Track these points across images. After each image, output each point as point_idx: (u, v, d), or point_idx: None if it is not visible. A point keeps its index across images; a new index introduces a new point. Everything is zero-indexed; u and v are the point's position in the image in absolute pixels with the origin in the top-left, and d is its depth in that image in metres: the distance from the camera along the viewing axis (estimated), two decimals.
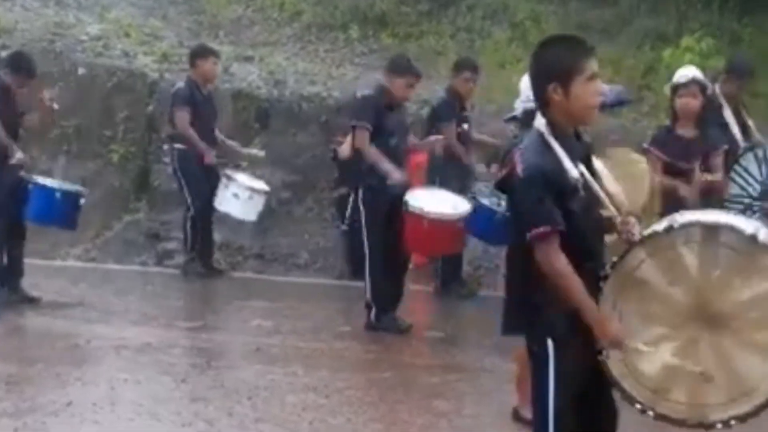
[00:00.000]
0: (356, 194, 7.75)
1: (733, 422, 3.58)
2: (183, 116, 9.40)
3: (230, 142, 9.92)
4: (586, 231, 3.71)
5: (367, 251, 7.71)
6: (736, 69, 8.27)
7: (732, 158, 7.68)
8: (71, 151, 11.50)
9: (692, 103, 7.08)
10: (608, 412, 3.86)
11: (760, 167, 7.65)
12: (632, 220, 3.78)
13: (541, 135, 3.72)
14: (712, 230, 3.58)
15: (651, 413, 3.68)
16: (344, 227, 9.13)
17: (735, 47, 11.12)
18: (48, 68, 11.04)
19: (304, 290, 9.59)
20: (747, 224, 3.61)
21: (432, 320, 7.86)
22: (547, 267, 3.63)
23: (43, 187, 8.40)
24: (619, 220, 3.78)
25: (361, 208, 7.68)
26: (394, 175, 7.48)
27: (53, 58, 11.77)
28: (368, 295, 7.73)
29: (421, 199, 7.61)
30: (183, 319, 8.24)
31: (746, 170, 7.68)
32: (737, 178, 7.68)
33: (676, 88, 7.16)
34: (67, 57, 11.94)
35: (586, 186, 3.74)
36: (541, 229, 3.60)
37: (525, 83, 6.33)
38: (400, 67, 7.85)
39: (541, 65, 3.76)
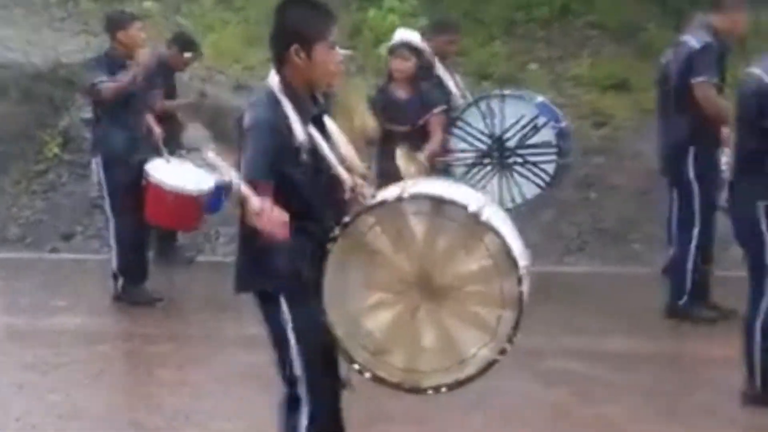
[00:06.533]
0: (96, 162, 7.55)
1: (444, 389, 3.71)
2: None
3: None
4: (309, 193, 3.71)
5: (112, 221, 7.55)
6: (441, 26, 8.54)
7: (451, 113, 7.88)
8: None
9: (403, 65, 7.24)
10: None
11: (485, 120, 7.93)
12: (363, 183, 3.83)
13: (271, 92, 3.71)
14: (439, 203, 3.66)
15: (369, 375, 3.73)
16: None
17: (436, 7, 11.45)
18: None
19: (15, 266, 9.18)
20: (473, 200, 3.72)
21: (151, 288, 7.71)
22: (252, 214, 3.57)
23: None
24: (350, 184, 3.80)
25: (102, 176, 7.48)
26: None
27: None
28: (115, 266, 7.55)
29: (163, 170, 7.44)
30: None
31: (470, 125, 7.96)
32: (462, 134, 7.94)
33: (390, 50, 7.31)
34: None
35: (314, 149, 3.74)
36: (252, 179, 3.56)
37: None
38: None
39: (286, 25, 3.73)
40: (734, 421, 5.48)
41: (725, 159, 6.80)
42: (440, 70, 8.13)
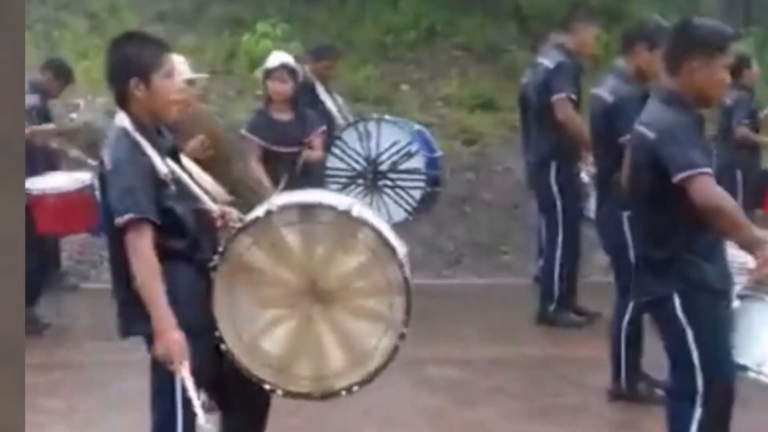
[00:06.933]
0: None
1: (356, 387, 3.81)
2: None
3: None
4: (187, 224, 3.75)
5: None
6: (318, 52, 8.79)
7: (332, 135, 8.07)
8: None
9: (282, 87, 7.37)
10: (253, 396, 3.95)
11: (362, 142, 8.17)
12: (228, 209, 3.89)
13: (124, 130, 3.72)
14: (309, 210, 3.76)
15: (280, 392, 3.82)
16: None
17: (308, 31, 11.70)
18: None
19: None
20: (340, 201, 3.84)
21: (35, 316, 7.63)
22: (133, 258, 3.60)
23: None
24: (217, 211, 3.86)
25: None
26: None
27: None
28: None
29: (41, 181, 7.34)
30: None
31: (348, 145, 8.18)
32: (339, 153, 8.15)
33: (267, 74, 7.44)
34: None
35: (178, 180, 3.77)
36: (129, 216, 3.59)
37: None
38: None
39: (120, 61, 3.76)
40: (602, 417, 5.84)
41: (585, 172, 7.19)
42: (322, 93, 8.37)
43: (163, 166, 3.71)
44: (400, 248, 3.81)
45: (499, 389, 6.26)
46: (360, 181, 8.12)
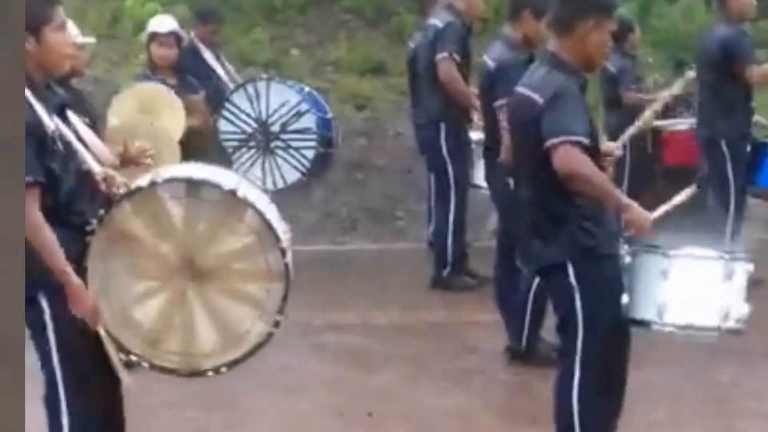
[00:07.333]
0: None
1: (223, 369, 3.76)
2: None
3: None
4: (68, 185, 3.65)
5: None
6: (202, 16, 8.65)
7: (222, 98, 8.00)
8: None
9: (167, 52, 7.23)
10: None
11: (252, 103, 8.07)
12: (112, 172, 3.79)
13: None
14: (195, 185, 3.70)
15: (147, 365, 3.76)
16: None
17: None
18: None
19: None
20: (227, 179, 3.78)
21: None
22: (27, 225, 3.48)
23: None
24: (101, 175, 3.76)
25: None
26: None
27: None
28: None
29: None
30: None
31: (238, 107, 8.08)
32: (230, 116, 8.06)
33: (152, 37, 7.29)
34: None
35: (63, 139, 3.66)
36: (31, 180, 3.48)
37: None
38: None
39: None
40: (498, 381, 5.94)
41: (475, 136, 7.24)
42: (209, 58, 8.25)
43: (50, 122, 3.60)
44: (284, 234, 3.77)
45: (396, 355, 6.29)
46: (252, 143, 8.03)
